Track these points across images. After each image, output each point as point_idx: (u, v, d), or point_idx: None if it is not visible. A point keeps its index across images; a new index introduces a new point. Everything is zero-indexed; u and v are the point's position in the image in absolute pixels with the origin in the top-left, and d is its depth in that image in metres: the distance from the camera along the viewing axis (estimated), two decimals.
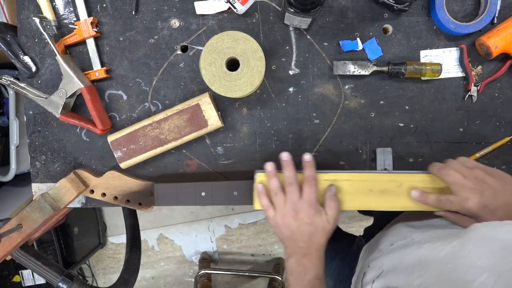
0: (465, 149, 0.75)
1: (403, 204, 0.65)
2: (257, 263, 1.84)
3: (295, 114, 0.74)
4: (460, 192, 0.59)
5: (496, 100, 0.74)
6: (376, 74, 0.73)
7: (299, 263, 0.63)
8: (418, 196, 0.63)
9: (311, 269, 0.62)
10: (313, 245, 0.63)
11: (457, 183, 0.59)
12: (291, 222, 0.63)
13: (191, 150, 0.76)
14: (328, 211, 0.63)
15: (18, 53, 0.73)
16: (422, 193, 0.63)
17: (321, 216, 0.63)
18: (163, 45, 0.73)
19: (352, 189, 0.66)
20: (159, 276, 1.89)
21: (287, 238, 0.64)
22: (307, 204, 0.63)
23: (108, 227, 1.84)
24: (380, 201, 0.66)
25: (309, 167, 0.65)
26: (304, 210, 0.62)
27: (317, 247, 0.63)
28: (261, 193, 0.66)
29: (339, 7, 0.72)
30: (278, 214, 0.64)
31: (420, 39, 0.72)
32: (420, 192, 0.64)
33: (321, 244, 0.63)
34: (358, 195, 0.66)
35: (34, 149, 0.77)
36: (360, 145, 0.75)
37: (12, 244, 0.70)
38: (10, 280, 1.47)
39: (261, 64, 0.66)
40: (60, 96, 0.70)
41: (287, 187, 0.64)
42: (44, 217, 0.70)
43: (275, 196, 0.64)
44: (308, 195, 0.63)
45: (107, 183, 0.73)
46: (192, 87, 0.74)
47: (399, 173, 0.66)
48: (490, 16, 0.69)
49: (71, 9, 0.73)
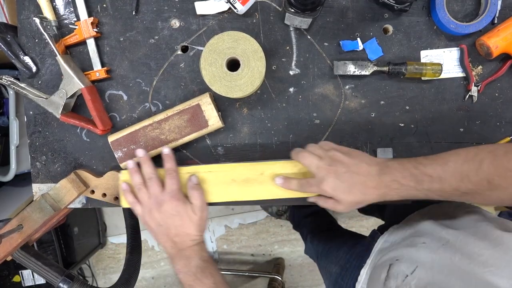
0: None
1: (268, 192, 0.66)
2: (257, 263, 1.84)
3: (296, 114, 0.74)
4: (317, 174, 0.59)
5: (496, 100, 0.74)
6: (377, 74, 0.73)
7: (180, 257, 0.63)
8: (282, 182, 0.64)
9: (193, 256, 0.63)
10: (186, 236, 0.63)
11: (313, 164, 0.59)
12: (156, 216, 0.64)
13: (192, 150, 0.76)
14: (193, 200, 0.64)
15: (18, 53, 0.73)
16: (285, 179, 0.64)
17: (186, 206, 0.64)
18: (164, 45, 0.73)
19: (215, 180, 0.67)
20: (159, 276, 1.89)
21: (158, 234, 0.65)
22: (169, 196, 0.64)
23: (108, 227, 1.84)
24: (245, 191, 0.66)
25: (168, 160, 0.66)
26: (167, 201, 0.63)
27: (191, 237, 0.64)
28: (125, 191, 0.67)
29: (339, 7, 0.72)
30: (145, 209, 0.65)
31: (420, 39, 0.72)
32: (283, 178, 0.64)
33: (194, 235, 0.64)
34: (222, 185, 0.67)
35: (34, 149, 0.77)
36: (361, 145, 0.75)
37: (13, 244, 0.70)
38: (10, 280, 1.47)
39: (262, 64, 0.66)
40: (61, 96, 0.70)
41: (147, 182, 0.65)
42: (44, 217, 0.70)
43: (139, 192, 0.65)
44: (170, 187, 0.64)
45: (107, 184, 0.73)
46: (193, 87, 0.74)
47: (261, 162, 0.67)
48: (491, 16, 0.69)
49: (72, 9, 0.73)
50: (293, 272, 1.85)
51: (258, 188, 0.66)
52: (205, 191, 0.67)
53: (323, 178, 0.58)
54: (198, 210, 0.65)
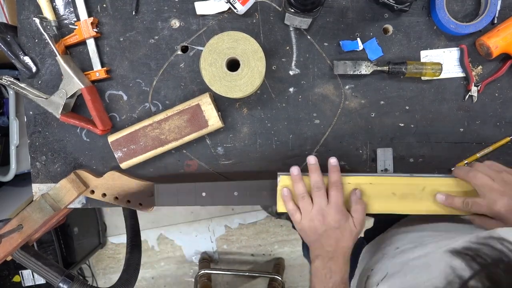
0: (465, 149, 0.75)
1: (427, 208, 0.65)
2: (257, 263, 1.84)
3: (296, 114, 0.74)
4: (488, 195, 0.58)
5: (496, 100, 0.74)
6: (377, 74, 0.73)
7: (324, 266, 0.63)
8: (444, 199, 0.63)
9: (337, 272, 0.62)
10: (339, 248, 0.63)
11: (485, 185, 0.59)
12: (318, 227, 0.63)
13: (192, 150, 0.76)
14: (354, 214, 0.64)
15: (18, 54, 0.73)
16: (448, 196, 0.63)
17: (348, 220, 0.63)
18: (164, 45, 0.73)
19: (374, 192, 0.66)
20: (159, 276, 1.89)
21: (313, 241, 0.65)
22: (334, 209, 0.63)
23: (108, 227, 1.84)
24: (403, 205, 0.66)
25: (334, 171, 0.65)
26: (331, 215, 0.63)
27: (344, 250, 0.63)
28: (286, 197, 0.66)
29: (339, 7, 0.72)
30: (305, 218, 0.64)
31: (420, 39, 0.72)
32: (446, 196, 0.63)
33: (348, 247, 0.63)
34: (381, 198, 0.66)
35: (34, 149, 0.77)
36: (361, 145, 0.75)
37: (13, 244, 0.70)
38: (10, 280, 1.47)
39: (262, 65, 0.66)
40: (61, 96, 0.70)
41: (314, 192, 0.64)
42: (44, 217, 0.70)
43: (302, 201, 0.64)
44: (335, 200, 0.63)
45: (107, 184, 0.73)
46: (193, 88, 0.74)
47: (421, 177, 0.65)
48: (490, 16, 0.69)
49: (71, 9, 0.73)
50: (293, 272, 1.85)
51: (416, 203, 0.65)
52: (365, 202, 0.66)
53: (496, 200, 0.57)
54: (359, 224, 0.64)
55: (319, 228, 0.63)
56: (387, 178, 0.66)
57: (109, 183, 0.73)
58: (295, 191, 0.65)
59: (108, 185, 0.73)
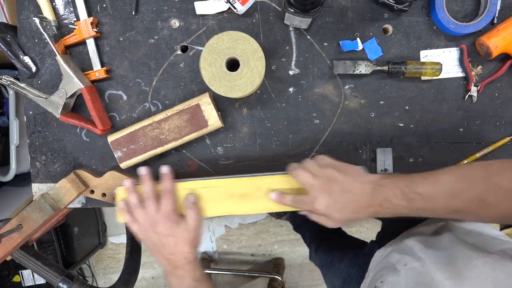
0: (465, 149, 0.75)
1: (264, 206, 0.66)
2: (257, 263, 1.84)
3: (295, 114, 0.74)
4: (311, 192, 0.59)
5: (496, 100, 0.74)
6: (376, 73, 0.73)
7: (175, 275, 0.65)
8: (276, 197, 0.64)
9: (186, 276, 0.64)
10: (179, 254, 0.64)
11: (307, 183, 0.59)
12: (152, 236, 0.65)
13: (191, 150, 0.76)
14: (188, 220, 0.65)
15: (18, 53, 0.73)
16: (280, 194, 0.64)
17: (179, 226, 0.64)
18: (163, 45, 0.73)
19: (211, 195, 0.66)
20: (159, 276, 1.89)
21: (154, 252, 0.66)
22: (164, 217, 0.64)
23: (108, 227, 1.84)
24: (242, 205, 0.66)
25: (165, 179, 0.66)
26: (162, 222, 0.64)
27: (184, 255, 0.65)
28: (123, 210, 0.67)
29: (339, 7, 0.72)
30: (141, 228, 0.66)
31: (420, 39, 0.72)
32: (278, 194, 0.64)
33: (187, 252, 0.65)
34: (218, 201, 0.66)
35: (34, 149, 0.77)
36: (360, 145, 0.75)
37: (12, 244, 0.70)
38: (10, 280, 1.47)
39: (261, 64, 0.66)
40: (60, 96, 0.70)
41: (144, 202, 0.65)
42: (44, 217, 0.70)
43: (135, 211, 0.66)
44: (164, 208, 0.64)
45: (107, 183, 0.73)
46: (192, 87, 0.74)
47: (257, 176, 0.66)
48: (490, 16, 0.69)
49: (71, 9, 0.73)
50: (293, 272, 1.85)
51: (255, 202, 0.66)
52: (202, 207, 0.66)
53: (316, 197, 0.58)
54: (193, 229, 0.65)
55: (152, 237, 0.65)
56: (222, 181, 0.66)
57: (109, 183, 0.73)
58: (129, 203, 0.66)
59: (108, 185, 0.73)
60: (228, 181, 0.66)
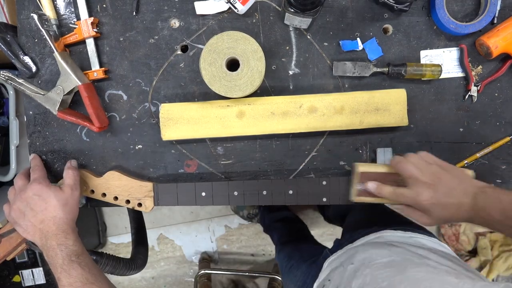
0: (465, 149, 0.75)
1: (306, 125, 0.70)
2: (257, 263, 1.84)
3: None
4: (415, 187, 0.59)
5: (496, 100, 0.74)
6: (376, 74, 0.73)
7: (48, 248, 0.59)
8: (375, 188, 0.64)
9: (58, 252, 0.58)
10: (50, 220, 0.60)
11: (413, 177, 0.59)
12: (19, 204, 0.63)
13: (192, 150, 0.76)
14: (65, 180, 0.66)
15: (18, 53, 0.73)
16: (378, 185, 0.64)
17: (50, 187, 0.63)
18: (163, 45, 0.73)
19: (254, 113, 0.70)
20: (159, 276, 1.89)
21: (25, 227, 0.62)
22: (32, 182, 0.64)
23: (108, 227, 1.84)
24: (284, 123, 0.70)
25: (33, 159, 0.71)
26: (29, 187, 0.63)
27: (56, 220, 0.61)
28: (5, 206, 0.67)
29: (339, 7, 0.72)
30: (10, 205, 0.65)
31: (420, 39, 0.72)
32: (377, 184, 0.64)
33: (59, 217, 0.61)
34: (261, 119, 0.70)
35: (34, 149, 0.77)
36: (360, 145, 0.75)
37: (12, 244, 0.70)
38: (10, 280, 1.47)
39: (261, 64, 0.66)
40: (58, 93, 0.70)
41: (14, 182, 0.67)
42: None
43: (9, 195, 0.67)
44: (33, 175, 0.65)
45: (107, 183, 0.73)
46: (193, 87, 0.74)
47: (299, 96, 0.70)
48: (490, 16, 0.69)
49: (72, 9, 0.73)
50: None
51: (296, 120, 0.70)
52: (245, 124, 0.69)
53: (421, 192, 0.58)
54: (68, 188, 0.63)
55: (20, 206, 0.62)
56: (265, 99, 0.70)
57: (109, 183, 0.73)
58: None
59: (108, 185, 0.73)
60: (270, 99, 0.70)
